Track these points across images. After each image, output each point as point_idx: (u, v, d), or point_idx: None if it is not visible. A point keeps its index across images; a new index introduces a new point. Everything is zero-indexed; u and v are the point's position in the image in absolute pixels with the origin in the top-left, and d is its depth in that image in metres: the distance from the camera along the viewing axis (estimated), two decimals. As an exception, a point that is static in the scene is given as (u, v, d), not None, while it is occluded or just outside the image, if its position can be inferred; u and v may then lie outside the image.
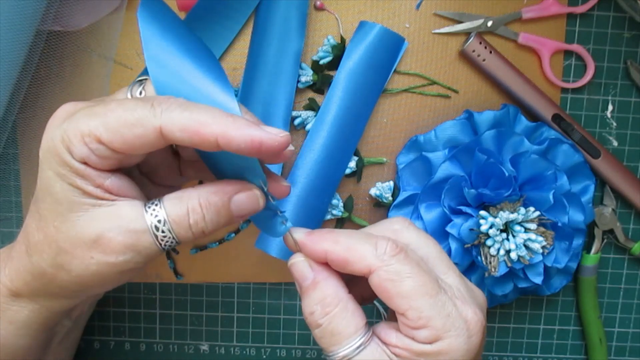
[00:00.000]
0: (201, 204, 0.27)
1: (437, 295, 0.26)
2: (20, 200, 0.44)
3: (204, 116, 0.25)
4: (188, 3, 0.41)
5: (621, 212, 0.46)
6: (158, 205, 0.27)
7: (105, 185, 0.26)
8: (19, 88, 0.38)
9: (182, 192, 0.27)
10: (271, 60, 0.42)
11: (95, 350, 0.47)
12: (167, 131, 0.25)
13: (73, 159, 0.25)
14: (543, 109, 0.43)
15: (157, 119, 0.24)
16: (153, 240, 0.27)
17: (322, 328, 0.27)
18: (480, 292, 0.30)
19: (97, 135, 0.25)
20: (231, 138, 0.24)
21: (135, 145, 0.25)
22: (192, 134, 0.24)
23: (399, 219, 0.30)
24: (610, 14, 0.44)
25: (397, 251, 0.27)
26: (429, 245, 0.29)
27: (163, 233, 0.27)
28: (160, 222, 0.26)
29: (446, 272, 0.28)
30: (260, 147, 0.25)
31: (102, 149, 0.25)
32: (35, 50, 0.37)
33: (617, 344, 0.48)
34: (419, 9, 0.43)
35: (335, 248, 0.27)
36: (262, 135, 0.25)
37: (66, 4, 0.37)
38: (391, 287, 0.26)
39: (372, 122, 0.44)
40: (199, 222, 0.27)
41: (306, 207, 0.42)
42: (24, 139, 0.42)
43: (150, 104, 0.25)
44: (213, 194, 0.27)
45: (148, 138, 0.25)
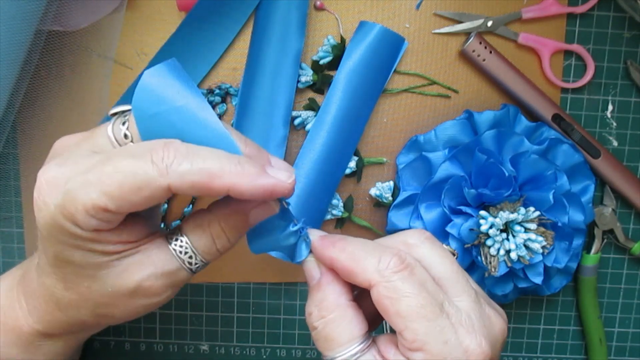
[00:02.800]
0: (223, 228, 0.27)
1: (435, 320, 0.25)
2: (20, 200, 0.44)
3: (212, 167, 0.24)
4: (188, 3, 0.41)
5: (621, 212, 0.46)
6: (182, 240, 0.27)
7: (123, 240, 0.26)
8: (18, 88, 0.38)
9: (199, 218, 0.27)
10: (271, 60, 0.42)
11: (95, 350, 0.47)
12: (176, 188, 0.24)
13: (83, 230, 0.24)
14: (543, 109, 0.43)
15: (164, 178, 0.23)
16: (188, 272, 0.28)
17: (317, 331, 0.27)
18: (499, 321, 0.27)
19: (103, 206, 0.24)
20: (243, 190, 0.24)
21: (144, 204, 0.24)
22: (202, 188, 0.24)
23: (417, 232, 0.29)
24: (610, 14, 0.44)
25: (401, 268, 0.26)
26: (444, 264, 0.27)
27: (196, 265, 0.28)
28: (191, 257, 0.27)
29: (459, 295, 0.27)
30: (272, 195, 0.25)
31: (110, 216, 0.24)
32: (35, 50, 0.37)
33: (617, 344, 0.48)
34: (419, 9, 0.43)
35: (341, 257, 0.27)
36: (274, 183, 0.25)
37: (66, 4, 0.37)
38: (389, 304, 0.25)
39: (372, 122, 0.44)
40: (225, 244, 0.28)
41: (306, 207, 0.42)
42: (24, 139, 0.42)
43: (150, 160, 0.24)
44: (232, 215, 0.27)
45: (156, 197, 0.24)
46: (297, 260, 0.29)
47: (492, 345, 0.26)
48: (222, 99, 0.44)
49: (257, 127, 0.42)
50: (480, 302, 0.27)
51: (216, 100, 0.43)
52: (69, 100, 0.41)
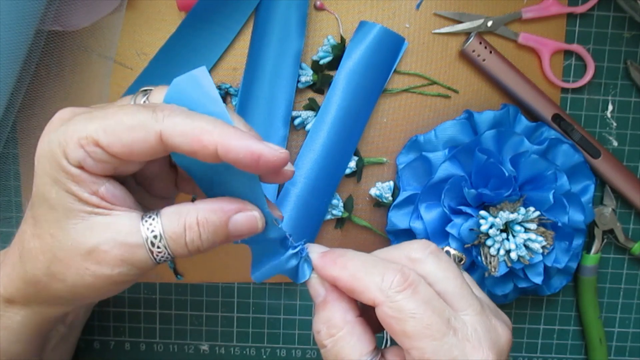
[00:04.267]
0: (199, 221, 0.26)
1: (442, 338, 0.25)
2: (20, 200, 0.44)
3: (205, 124, 0.24)
4: (188, 3, 0.41)
5: (621, 212, 0.46)
6: (155, 219, 0.26)
7: (100, 193, 0.26)
8: (18, 88, 0.38)
9: (180, 206, 0.27)
10: (271, 60, 0.42)
11: (95, 350, 0.47)
12: (167, 136, 0.24)
13: (69, 163, 0.25)
14: (543, 109, 0.43)
15: (158, 124, 0.24)
16: (148, 255, 0.26)
17: (326, 349, 0.27)
18: (505, 331, 0.27)
19: (95, 138, 0.24)
20: (231, 147, 0.24)
21: (134, 149, 0.25)
22: (192, 140, 0.24)
23: (421, 245, 0.28)
24: (610, 14, 0.44)
25: (405, 286, 0.25)
26: (449, 278, 0.27)
27: (159, 248, 0.26)
28: (156, 237, 0.26)
29: (465, 309, 0.27)
30: (259, 160, 0.24)
31: (99, 152, 0.25)
32: (35, 50, 0.37)
33: (617, 344, 0.48)
34: (419, 9, 0.43)
35: (342, 275, 0.27)
36: (262, 147, 0.24)
37: (66, 4, 0.37)
38: (395, 324, 0.25)
39: (372, 122, 0.44)
40: (195, 240, 0.26)
41: (306, 207, 0.42)
42: (24, 139, 0.42)
43: (152, 109, 0.25)
44: (212, 212, 0.26)
45: (148, 143, 0.24)
46: (300, 281, 0.29)
47: (499, 357, 0.26)
48: (222, 99, 0.44)
49: (257, 127, 0.42)
50: (486, 313, 0.27)
51: (216, 100, 0.43)
52: (69, 100, 0.41)
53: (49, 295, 0.28)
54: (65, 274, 0.27)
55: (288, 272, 0.29)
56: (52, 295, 0.28)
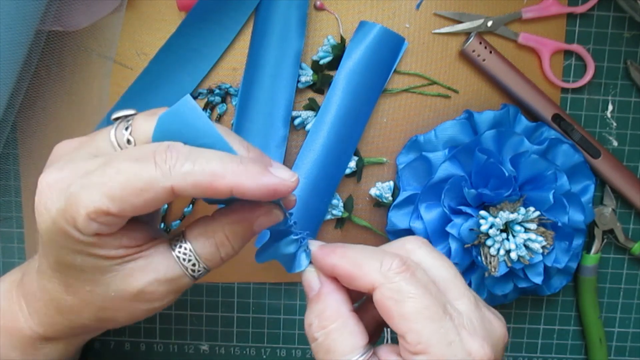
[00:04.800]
0: (228, 237, 0.27)
1: (440, 321, 0.25)
2: (20, 200, 0.44)
3: (214, 167, 0.23)
4: (188, 3, 0.41)
5: (621, 212, 0.46)
6: (185, 247, 0.27)
7: (124, 244, 0.26)
8: (18, 88, 0.38)
9: (204, 225, 0.27)
10: (271, 60, 0.42)
11: (95, 350, 0.47)
12: (179, 189, 0.24)
13: (84, 235, 0.24)
14: (543, 109, 0.43)
15: (167, 180, 0.23)
16: (190, 279, 0.28)
17: (317, 342, 0.27)
18: (500, 325, 0.27)
19: (105, 210, 0.23)
20: (246, 189, 0.24)
21: (147, 207, 0.24)
22: (205, 188, 0.24)
23: (413, 239, 0.29)
24: (610, 14, 0.44)
25: (404, 269, 0.26)
26: (444, 267, 0.28)
27: (199, 271, 0.28)
28: (194, 265, 0.27)
29: (459, 298, 0.27)
30: (275, 195, 0.25)
31: (111, 220, 0.24)
32: (35, 50, 0.37)
33: (617, 344, 0.48)
34: (419, 9, 0.43)
35: (342, 262, 0.27)
36: (276, 182, 0.24)
37: (66, 4, 0.37)
38: (393, 306, 0.25)
39: (372, 122, 0.44)
40: (229, 252, 0.28)
41: (306, 207, 0.42)
42: (24, 139, 0.42)
43: (153, 161, 0.23)
44: (237, 224, 0.27)
45: (160, 199, 0.24)
46: (295, 269, 0.29)
47: (494, 349, 0.26)
48: (222, 99, 0.44)
49: (257, 127, 0.42)
50: (479, 305, 0.27)
51: (216, 100, 0.43)
52: (69, 100, 0.41)
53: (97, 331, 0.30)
54: (116, 316, 0.27)
55: (284, 258, 0.29)
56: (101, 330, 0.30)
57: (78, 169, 0.25)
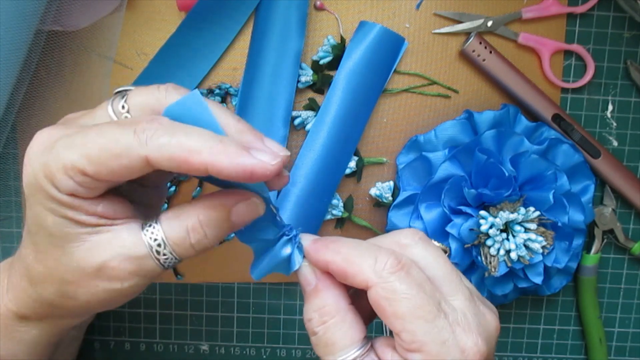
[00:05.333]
0: (201, 221, 0.26)
1: (434, 320, 0.25)
2: (20, 200, 0.44)
3: (192, 142, 0.23)
4: (188, 3, 0.41)
5: (621, 212, 0.46)
6: (155, 227, 0.26)
7: (98, 212, 0.26)
8: (18, 88, 0.38)
9: (179, 210, 0.27)
10: (271, 60, 0.42)
11: (95, 350, 0.47)
12: (154, 160, 0.24)
13: (60, 192, 0.24)
14: (543, 109, 0.43)
15: (143, 149, 0.23)
16: (155, 263, 0.26)
17: (317, 336, 0.27)
18: (493, 318, 0.27)
19: (81, 168, 0.24)
20: (221, 168, 0.23)
21: (122, 174, 0.24)
22: (180, 162, 0.23)
23: (410, 232, 0.28)
24: (610, 14, 0.44)
25: (398, 268, 0.26)
26: (439, 263, 0.27)
27: (164, 255, 0.26)
28: (160, 245, 0.26)
29: (454, 294, 0.27)
30: (252, 176, 0.24)
31: (88, 181, 0.24)
32: (35, 50, 0.37)
33: (617, 344, 0.48)
34: (419, 9, 0.43)
35: (335, 259, 0.27)
36: (253, 163, 0.24)
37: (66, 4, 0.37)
38: (387, 305, 0.25)
39: (372, 122, 0.44)
40: (202, 240, 0.26)
41: (306, 207, 0.42)
42: (24, 139, 0.42)
43: (133, 130, 0.24)
44: (212, 209, 0.26)
45: (135, 167, 0.24)
46: (293, 268, 0.29)
47: (488, 343, 0.26)
48: (222, 99, 0.44)
49: (257, 127, 0.42)
50: (474, 300, 0.27)
51: (216, 100, 0.43)
52: (69, 100, 0.41)
53: (63, 312, 0.29)
54: (76, 293, 0.27)
55: (281, 262, 0.29)
56: (66, 311, 0.29)
57: (67, 131, 0.25)
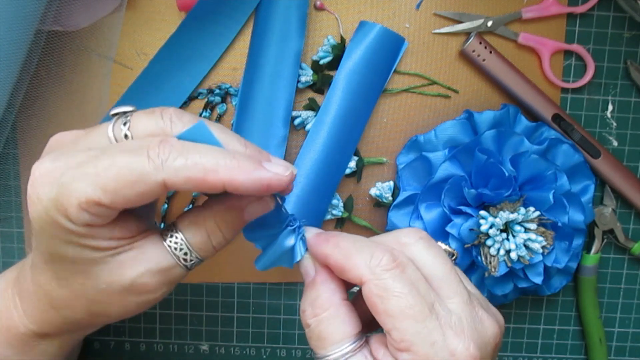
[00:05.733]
0: (218, 225, 0.27)
1: (424, 321, 0.25)
2: (20, 200, 0.44)
3: (206, 162, 0.23)
4: (188, 3, 0.41)
5: (621, 212, 0.46)
6: (177, 237, 0.27)
7: (116, 236, 0.26)
8: (18, 88, 0.38)
9: (194, 215, 0.27)
10: (271, 60, 0.42)
11: (95, 350, 0.47)
12: (171, 184, 0.24)
13: (75, 225, 0.24)
14: (543, 109, 0.43)
15: (159, 173, 0.23)
16: (183, 269, 0.27)
17: (310, 329, 0.27)
18: (492, 325, 0.27)
19: (97, 201, 0.23)
20: (239, 184, 0.24)
21: (138, 200, 0.24)
22: (197, 183, 0.24)
23: (412, 231, 0.28)
24: (610, 14, 0.44)
25: (393, 266, 0.25)
26: (438, 264, 0.27)
27: (191, 260, 0.27)
28: (186, 254, 0.27)
29: (451, 296, 0.26)
30: (268, 189, 0.25)
31: (103, 210, 0.24)
32: (35, 50, 0.37)
33: (617, 344, 0.48)
34: (419, 9, 0.43)
35: (334, 253, 0.27)
36: (269, 177, 0.24)
37: (66, 4, 0.37)
38: (379, 302, 0.25)
39: (372, 122, 0.44)
40: (220, 240, 0.27)
41: (306, 207, 0.42)
42: (24, 139, 0.42)
43: (146, 154, 0.23)
44: (227, 212, 0.27)
45: (151, 192, 0.24)
46: (295, 259, 0.29)
47: (482, 349, 0.26)
48: (222, 99, 0.44)
49: (257, 127, 0.42)
50: (473, 304, 0.27)
51: (216, 100, 0.43)
52: (69, 100, 0.41)
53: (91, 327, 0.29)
54: (108, 310, 0.27)
55: (285, 253, 0.29)
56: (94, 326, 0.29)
57: (72, 160, 0.25)
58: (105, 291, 0.26)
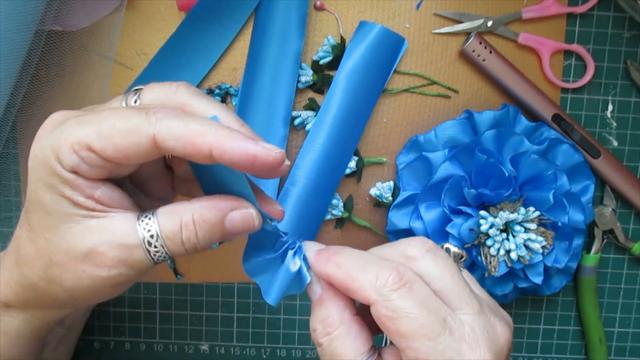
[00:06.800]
0: (195, 219, 0.26)
1: (437, 338, 0.24)
2: (20, 200, 0.44)
3: (199, 126, 0.24)
4: (188, 3, 0.41)
5: (621, 212, 0.46)
6: (151, 218, 0.26)
7: (96, 196, 0.25)
8: (18, 88, 0.38)
9: (176, 205, 0.26)
10: (271, 61, 0.42)
11: (95, 350, 0.47)
12: (161, 140, 0.24)
13: (63, 168, 0.24)
14: (543, 109, 0.43)
15: (152, 127, 0.24)
16: (145, 255, 0.26)
17: (322, 348, 0.27)
18: (504, 330, 0.27)
19: (89, 143, 0.24)
20: (225, 150, 0.24)
21: (128, 153, 0.24)
22: (186, 143, 0.24)
23: (418, 242, 0.28)
24: (610, 14, 0.44)
25: (400, 285, 0.25)
26: (447, 276, 0.27)
27: (156, 248, 0.26)
28: (153, 237, 0.26)
29: (462, 308, 0.26)
30: (254, 161, 0.24)
31: (93, 157, 0.24)
32: (35, 50, 0.37)
33: (617, 344, 0.48)
34: (419, 9, 0.43)
35: (337, 273, 0.27)
36: (257, 149, 0.24)
37: (66, 4, 0.37)
38: (389, 324, 0.25)
39: (372, 122, 0.44)
40: (192, 238, 0.26)
41: (306, 207, 0.42)
42: (24, 139, 0.42)
43: (145, 112, 0.24)
44: (208, 209, 0.26)
45: (141, 146, 0.24)
46: (305, 283, 0.28)
47: (497, 356, 0.25)
48: (222, 99, 0.44)
49: (257, 127, 0.42)
50: (485, 312, 0.27)
51: (216, 100, 0.43)
52: (69, 100, 0.41)
53: (47, 299, 0.28)
54: (62, 277, 0.26)
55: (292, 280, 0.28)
56: (50, 298, 0.28)
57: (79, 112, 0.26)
58: (65, 253, 0.26)
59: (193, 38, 0.42)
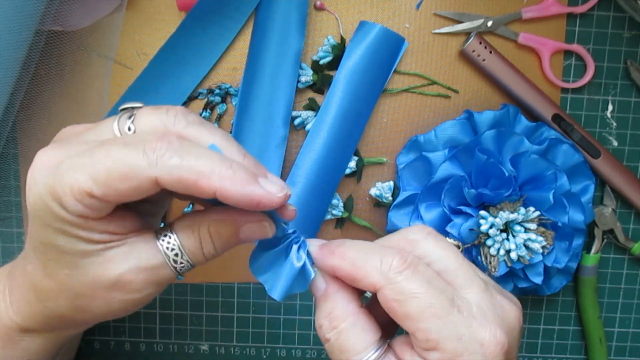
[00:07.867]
0: (211, 233, 0.26)
1: (447, 317, 0.24)
2: (20, 200, 0.44)
3: (201, 166, 0.23)
4: (188, 3, 0.41)
5: (621, 212, 0.46)
6: (171, 237, 0.26)
7: (110, 230, 0.25)
8: (18, 88, 0.38)
9: (191, 218, 0.27)
10: (271, 61, 0.42)
11: (95, 350, 0.47)
12: (163, 182, 0.23)
13: (69, 214, 0.24)
14: (543, 109, 0.43)
15: (152, 170, 0.23)
16: (172, 271, 0.27)
17: (330, 343, 0.27)
18: (513, 309, 0.26)
19: (89, 192, 0.23)
20: (229, 195, 0.23)
21: (130, 195, 0.24)
22: (189, 185, 0.23)
23: (418, 228, 0.28)
24: (610, 14, 0.44)
25: (405, 267, 0.25)
26: (450, 257, 0.27)
27: (181, 263, 0.27)
28: (177, 255, 0.26)
29: (468, 287, 0.26)
30: (258, 206, 0.24)
31: (95, 203, 0.24)
32: (35, 50, 0.37)
33: (617, 344, 0.48)
34: (419, 9, 0.43)
35: (342, 264, 0.26)
36: (261, 194, 0.24)
37: (66, 4, 0.37)
38: (397, 307, 0.25)
39: (372, 122, 0.44)
40: (211, 250, 0.27)
41: (306, 207, 0.42)
42: (24, 139, 0.42)
43: (142, 150, 0.23)
44: (223, 223, 0.26)
45: (143, 187, 0.23)
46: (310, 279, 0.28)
47: (508, 334, 0.25)
48: (222, 99, 0.44)
49: (257, 127, 0.42)
50: (491, 291, 0.26)
51: (216, 100, 0.43)
52: (69, 100, 0.41)
53: (74, 324, 0.29)
54: (91, 305, 0.27)
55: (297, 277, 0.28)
56: (78, 323, 0.28)
57: (72, 149, 0.25)
58: (91, 285, 0.26)
59: (193, 38, 0.42)
